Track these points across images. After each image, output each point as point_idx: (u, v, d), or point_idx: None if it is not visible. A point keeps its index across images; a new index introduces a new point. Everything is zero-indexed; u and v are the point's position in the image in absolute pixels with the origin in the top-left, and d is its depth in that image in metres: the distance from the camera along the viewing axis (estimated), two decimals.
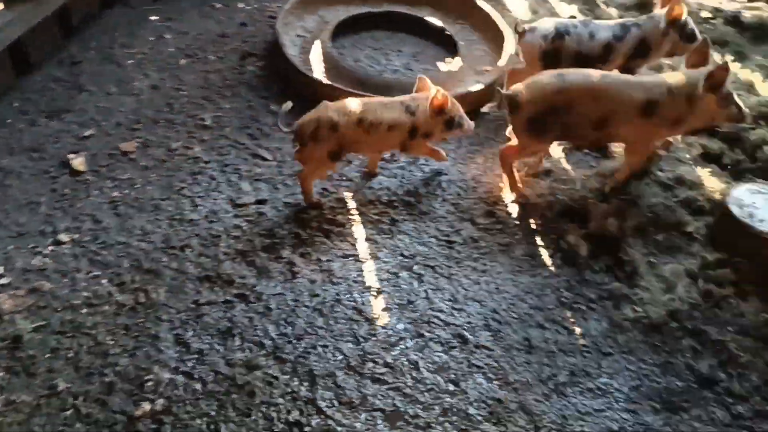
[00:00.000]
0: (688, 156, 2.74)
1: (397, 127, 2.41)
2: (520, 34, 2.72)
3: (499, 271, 2.31)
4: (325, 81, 2.87)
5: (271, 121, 2.80)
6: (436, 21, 3.36)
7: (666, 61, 3.06)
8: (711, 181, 2.63)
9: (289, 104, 2.38)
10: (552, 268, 2.34)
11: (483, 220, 2.49)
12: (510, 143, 2.55)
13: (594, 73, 2.42)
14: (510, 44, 3.14)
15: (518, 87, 2.43)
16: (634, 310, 2.20)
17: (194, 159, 2.61)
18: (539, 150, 2.61)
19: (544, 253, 2.39)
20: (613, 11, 3.63)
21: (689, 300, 2.22)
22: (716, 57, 3.19)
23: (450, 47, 3.25)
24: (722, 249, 2.35)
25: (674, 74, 2.46)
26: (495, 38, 3.26)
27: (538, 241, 2.43)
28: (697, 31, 2.72)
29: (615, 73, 2.55)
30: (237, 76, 3.00)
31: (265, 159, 2.63)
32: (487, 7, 3.39)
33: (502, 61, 3.08)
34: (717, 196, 2.54)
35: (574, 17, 3.47)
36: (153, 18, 3.28)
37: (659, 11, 2.74)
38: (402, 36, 3.35)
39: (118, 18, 3.26)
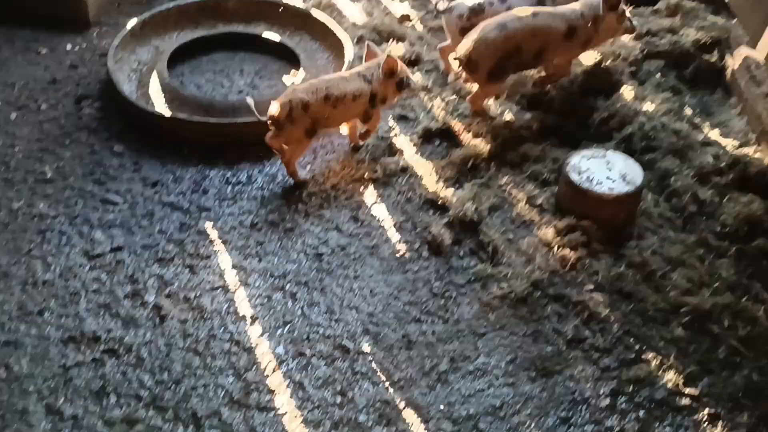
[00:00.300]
0: (528, 133, 2.89)
1: (360, 97, 2.65)
2: (442, 12, 3.01)
3: (370, 274, 2.36)
4: (168, 114, 2.81)
5: (117, 162, 2.70)
6: (273, 36, 3.35)
7: None
8: (553, 152, 2.79)
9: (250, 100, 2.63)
10: (420, 262, 2.41)
11: (348, 226, 2.52)
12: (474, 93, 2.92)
13: (524, 13, 2.81)
14: (349, 49, 3.19)
15: (467, 48, 2.75)
16: (500, 287, 2.31)
17: (40, 216, 2.48)
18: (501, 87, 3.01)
19: (411, 248, 2.45)
20: None
21: (548, 268, 2.36)
22: None
23: (292, 60, 3.26)
24: (570, 214, 2.50)
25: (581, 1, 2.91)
26: (335, 45, 3.30)
27: (404, 237, 2.49)
28: None
29: (540, 9, 2.87)
30: (75, 122, 2.87)
31: (115, 203, 2.54)
32: (323, 16, 3.42)
33: (345, 67, 3.12)
34: (558, 166, 2.71)
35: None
36: None
37: None
38: (242, 55, 3.32)
39: None
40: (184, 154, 2.74)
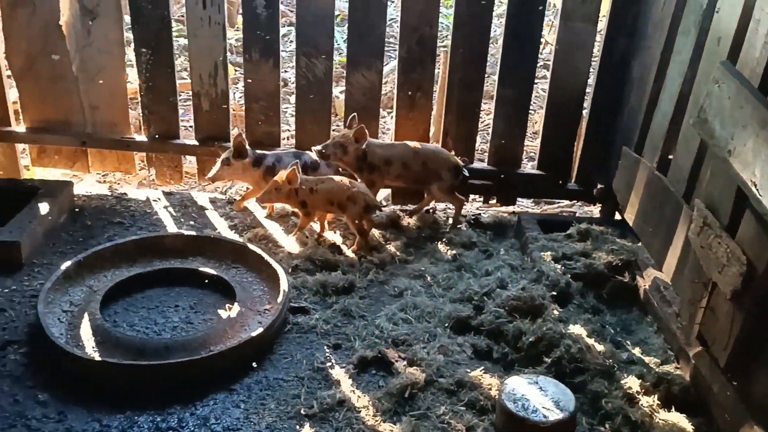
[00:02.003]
0: (461, 357, 2.96)
1: None
2: None
3: None
4: (97, 357, 2.76)
5: (40, 413, 2.57)
6: (209, 270, 3.43)
7: None
8: (486, 378, 2.84)
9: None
10: None
11: None
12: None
13: None
14: (284, 281, 3.27)
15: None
16: None
17: None
18: None
19: None
20: None
21: None
22: None
23: (227, 292, 3.31)
24: None
25: None
26: (270, 277, 3.40)
27: None
28: None
29: None
30: None
31: None
32: (258, 249, 3.56)
33: (281, 297, 3.18)
34: (494, 392, 2.75)
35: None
36: None
37: None
38: (177, 290, 3.36)
39: None
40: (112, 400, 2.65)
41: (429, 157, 3.97)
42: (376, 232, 3.97)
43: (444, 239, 3.93)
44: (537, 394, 2.57)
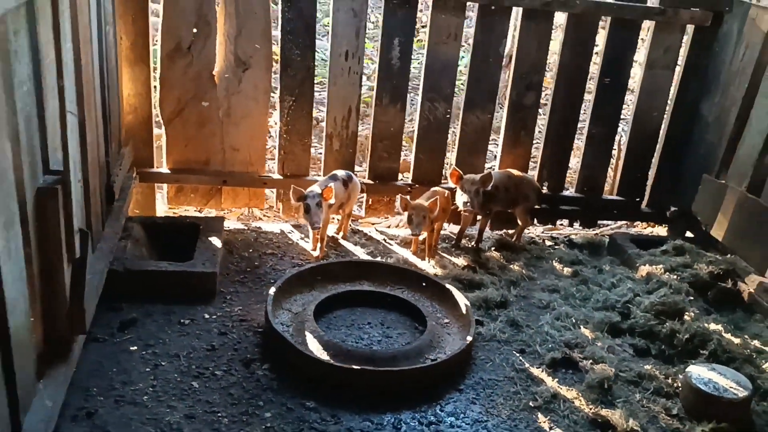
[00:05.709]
0: (626, 355, 3.54)
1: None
2: None
3: None
4: (345, 366, 3.14)
5: (317, 417, 2.95)
6: (398, 294, 3.87)
7: None
8: (660, 370, 3.43)
9: None
10: None
11: None
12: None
13: None
14: (460, 297, 3.75)
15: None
16: None
17: None
18: None
19: None
20: None
21: None
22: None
23: (404, 310, 3.76)
24: (704, 420, 3.07)
25: None
26: (436, 294, 3.88)
27: None
28: None
29: None
30: (255, 384, 3.11)
31: None
32: (418, 271, 4.03)
33: (466, 311, 3.65)
34: (671, 381, 3.33)
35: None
36: (133, 348, 3.25)
37: None
38: (360, 310, 3.76)
39: (97, 356, 3.16)
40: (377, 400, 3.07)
41: (518, 181, 4.60)
42: (496, 254, 4.51)
43: (555, 258, 4.51)
44: (720, 377, 3.18)
